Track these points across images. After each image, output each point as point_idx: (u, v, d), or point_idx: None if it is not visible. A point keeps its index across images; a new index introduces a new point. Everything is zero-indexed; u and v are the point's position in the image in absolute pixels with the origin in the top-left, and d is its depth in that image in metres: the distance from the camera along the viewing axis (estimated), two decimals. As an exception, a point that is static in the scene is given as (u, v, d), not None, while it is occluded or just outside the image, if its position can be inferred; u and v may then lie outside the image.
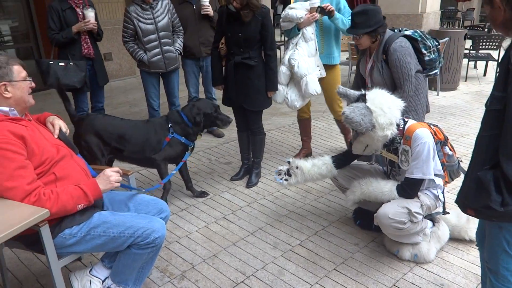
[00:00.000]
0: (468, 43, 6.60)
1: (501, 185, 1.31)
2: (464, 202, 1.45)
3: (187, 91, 4.41)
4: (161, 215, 2.11)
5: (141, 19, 3.71)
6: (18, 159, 1.66)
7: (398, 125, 2.27)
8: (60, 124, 1.99)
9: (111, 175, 1.90)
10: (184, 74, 4.34)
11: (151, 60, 3.79)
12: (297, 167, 2.60)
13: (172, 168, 2.96)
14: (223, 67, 3.27)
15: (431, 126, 2.39)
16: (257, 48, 3.09)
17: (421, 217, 2.29)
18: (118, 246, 1.88)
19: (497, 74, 1.39)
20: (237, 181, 3.53)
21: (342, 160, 2.67)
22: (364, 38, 2.74)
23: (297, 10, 3.26)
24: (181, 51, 4.00)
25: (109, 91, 4.35)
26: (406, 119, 2.34)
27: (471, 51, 6.70)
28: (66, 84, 3.61)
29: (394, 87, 2.77)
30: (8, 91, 1.75)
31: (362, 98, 2.24)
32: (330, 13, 3.27)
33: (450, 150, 2.43)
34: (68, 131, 2.03)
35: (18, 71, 1.78)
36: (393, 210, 2.25)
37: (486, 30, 9.63)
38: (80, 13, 3.77)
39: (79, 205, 1.78)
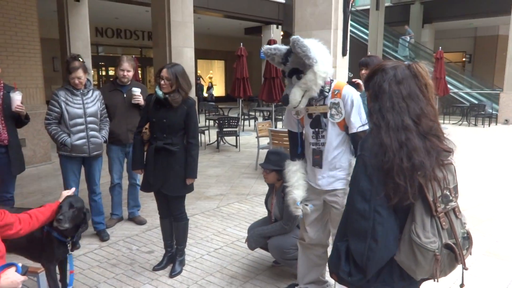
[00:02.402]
0: None
1: (349, 257, 1.46)
2: (330, 267, 1.59)
3: (110, 178, 4.30)
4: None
5: (69, 103, 3.67)
6: None
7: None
8: None
9: (22, 280, 1.81)
10: (108, 160, 4.26)
11: (74, 143, 3.69)
12: (302, 202, 2.58)
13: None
14: (145, 152, 3.29)
15: None
16: (181, 135, 3.19)
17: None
18: None
19: None
20: (159, 271, 3.36)
21: (295, 150, 2.69)
22: (272, 174, 3.13)
23: None
24: (107, 139, 3.98)
25: (20, 179, 4.07)
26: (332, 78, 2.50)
27: None
28: None
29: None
30: None
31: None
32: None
33: None
34: None
35: None
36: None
37: None
38: None
39: None
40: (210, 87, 21.27)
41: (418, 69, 1.48)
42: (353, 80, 3.72)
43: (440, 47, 12.97)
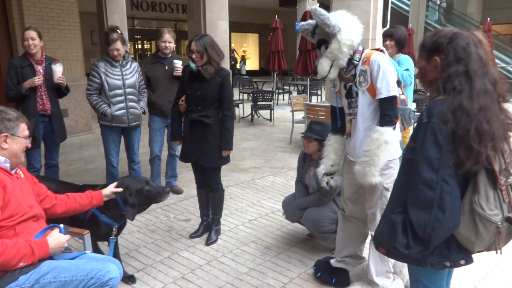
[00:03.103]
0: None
1: (407, 229, 1.42)
2: (378, 239, 1.55)
3: (149, 149, 4.40)
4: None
5: (109, 74, 3.76)
6: None
7: (358, 45, 2.36)
8: None
9: (67, 239, 1.93)
10: (149, 131, 4.35)
11: (114, 113, 3.79)
12: (332, 165, 2.63)
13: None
14: (182, 123, 3.33)
15: None
16: (216, 107, 3.18)
17: None
18: None
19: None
20: (196, 238, 3.46)
21: (335, 125, 2.67)
22: (313, 144, 3.04)
23: None
24: (145, 110, 4.06)
25: (63, 147, 4.25)
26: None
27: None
28: None
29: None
30: (6, 143, 1.89)
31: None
32: None
33: (403, 94, 2.45)
34: None
35: (23, 128, 1.96)
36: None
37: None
38: (41, 71, 3.77)
39: (21, 263, 1.75)
40: (241, 61, 21.20)
41: (479, 37, 1.45)
42: (377, 48, 3.54)
43: (489, 18, 12.18)
